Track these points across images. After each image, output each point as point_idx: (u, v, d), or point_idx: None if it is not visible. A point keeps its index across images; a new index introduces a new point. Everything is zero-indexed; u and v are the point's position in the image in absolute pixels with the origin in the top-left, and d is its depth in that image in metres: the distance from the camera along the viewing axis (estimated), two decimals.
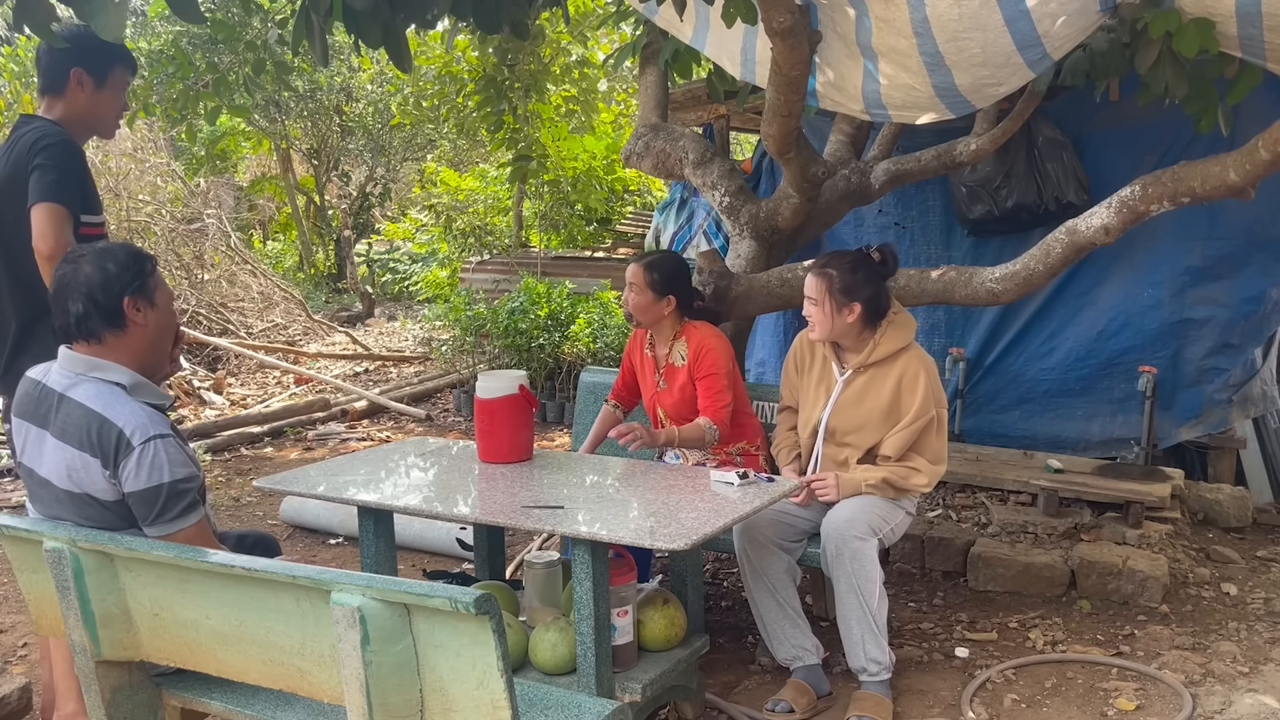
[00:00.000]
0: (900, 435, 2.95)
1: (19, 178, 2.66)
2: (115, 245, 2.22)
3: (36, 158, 2.65)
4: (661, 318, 3.32)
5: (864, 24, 2.81)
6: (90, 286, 2.12)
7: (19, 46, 10.75)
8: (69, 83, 2.78)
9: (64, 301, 2.14)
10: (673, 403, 3.34)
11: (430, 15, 3.14)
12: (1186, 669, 3.13)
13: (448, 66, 7.62)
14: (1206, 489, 4.54)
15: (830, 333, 3.01)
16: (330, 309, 13.31)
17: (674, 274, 3.30)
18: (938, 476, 3.01)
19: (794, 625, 3.01)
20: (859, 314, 2.96)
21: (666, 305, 3.29)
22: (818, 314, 2.99)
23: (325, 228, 16.06)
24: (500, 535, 3.30)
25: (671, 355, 3.35)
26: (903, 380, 2.96)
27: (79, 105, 2.80)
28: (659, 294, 3.27)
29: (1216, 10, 2.59)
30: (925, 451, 2.99)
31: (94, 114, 2.84)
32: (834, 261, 3.01)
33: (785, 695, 2.92)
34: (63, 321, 2.15)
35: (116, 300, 2.14)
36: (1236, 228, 4.47)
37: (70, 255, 2.19)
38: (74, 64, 2.76)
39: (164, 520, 2.07)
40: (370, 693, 1.71)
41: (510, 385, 2.94)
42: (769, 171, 5.43)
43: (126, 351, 2.17)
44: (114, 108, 2.89)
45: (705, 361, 3.24)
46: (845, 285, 2.95)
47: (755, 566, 3.00)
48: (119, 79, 2.86)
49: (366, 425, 7.08)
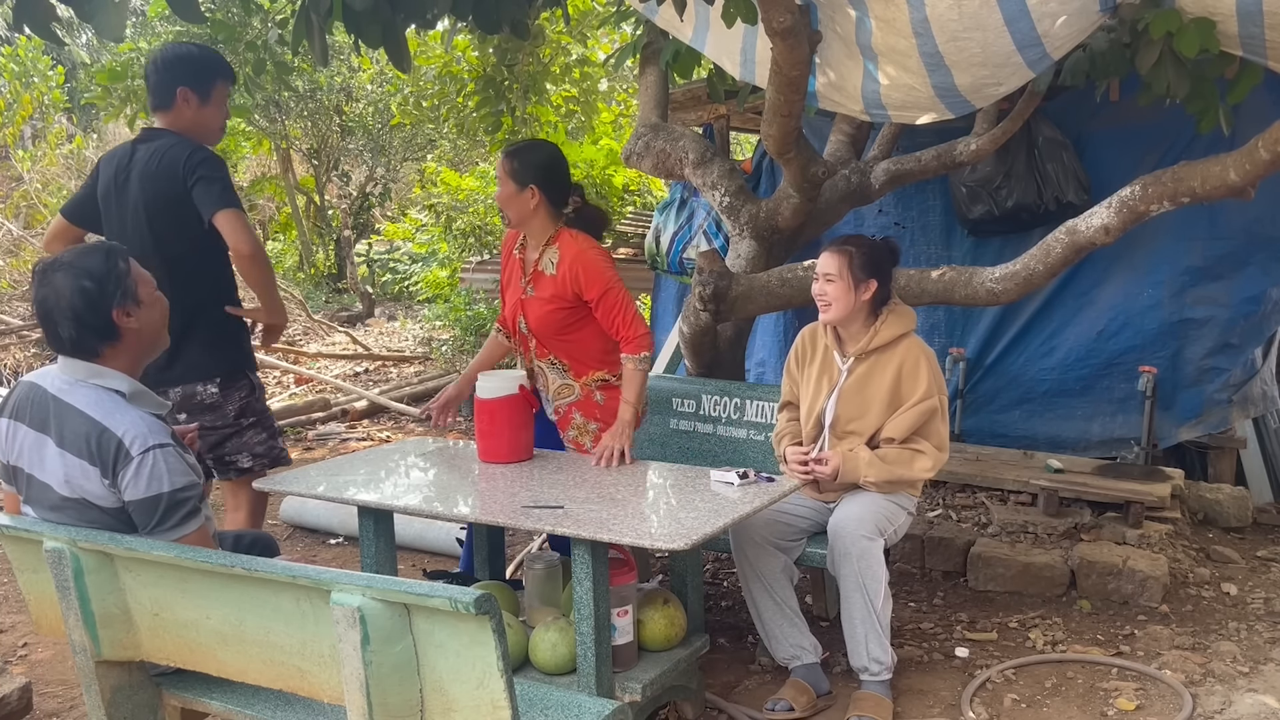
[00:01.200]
0: (905, 417, 2.94)
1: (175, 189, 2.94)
2: (82, 256, 2.14)
3: (196, 171, 2.93)
4: (528, 214, 3.00)
5: (864, 24, 2.81)
6: (76, 310, 2.08)
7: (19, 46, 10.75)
8: (176, 100, 3.01)
9: (53, 326, 2.10)
10: (537, 315, 3.06)
11: (430, 15, 3.15)
12: (1186, 669, 3.13)
13: (448, 66, 7.61)
14: (1206, 489, 4.54)
15: (847, 310, 2.97)
16: (330, 309, 13.31)
17: (539, 164, 2.98)
18: (941, 463, 3.00)
19: (791, 624, 3.01)
20: (874, 293, 2.97)
21: (530, 198, 2.97)
22: (835, 290, 2.95)
23: (325, 228, 16.05)
24: (500, 535, 3.30)
25: (542, 261, 3.04)
26: (904, 366, 2.97)
27: (186, 119, 3.03)
28: (519, 184, 2.96)
29: (1217, 9, 2.59)
30: (931, 437, 2.98)
31: (201, 125, 3.07)
32: (852, 240, 3.02)
33: (785, 694, 2.92)
34: (56, 345, 2.12)
35: (106, 317, 2.11)
36: (1236, 228, 4.47)
37: (42, 277, 2.11)
38: (179, 83, 2.99)
39: (164, 528, 2.07)
40: (370, 693, 1.72)
41: (510, 385, 2.94)
42: (769, 171, 5.43)
43: (124, 356, 2.18)
44: (219, 119, 3.14)
45: (592, 279, 2.95)
46: (864, 261, 2.95)
47: (752, 566, 3.00)
48: (221, 92, 3.10)
49: (366, 425, 7.08)
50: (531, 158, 3.00)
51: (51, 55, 12.00)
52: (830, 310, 2.99)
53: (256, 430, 3.15)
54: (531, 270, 3.08)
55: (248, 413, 3.12)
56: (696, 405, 3.62)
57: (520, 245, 3.16)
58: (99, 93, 5.60)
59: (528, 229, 3.08)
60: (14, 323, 8.33)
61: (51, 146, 11.21)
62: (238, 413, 3.10)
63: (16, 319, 8.47)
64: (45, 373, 2.20)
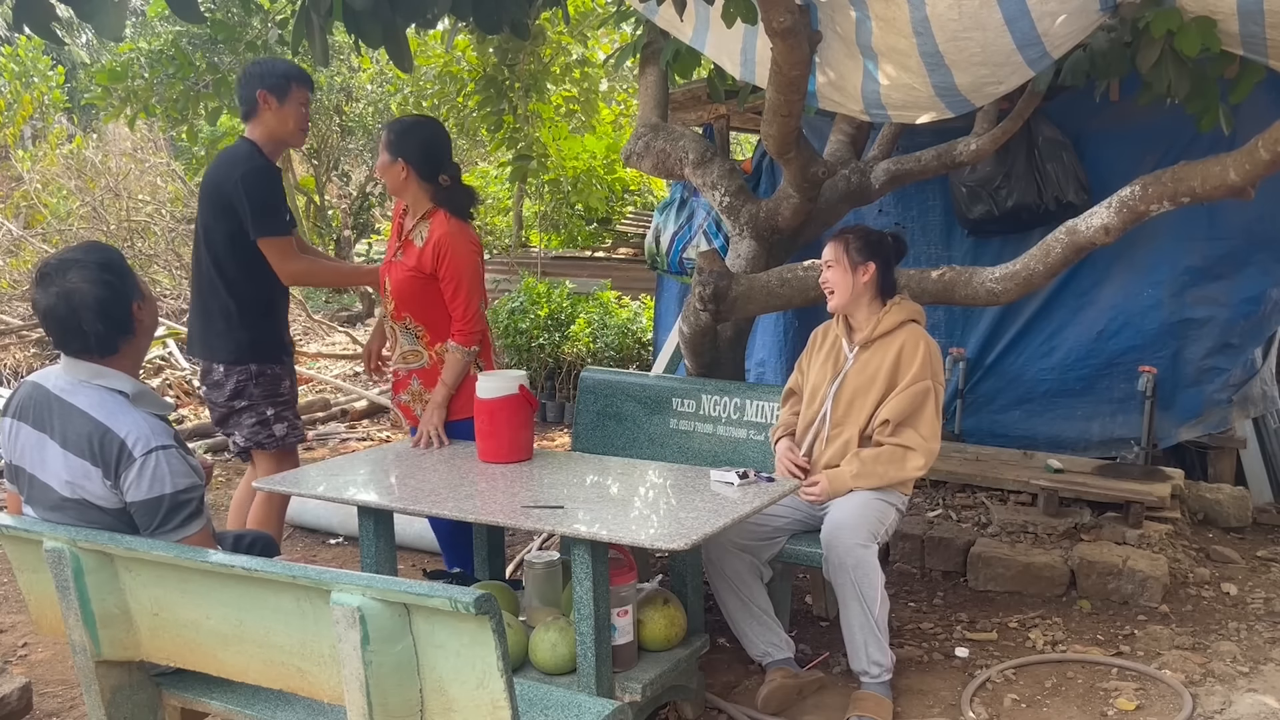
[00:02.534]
0: (900, 398, 2.99)
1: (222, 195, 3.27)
2: (89, 253, 2.16)
3: (239, 187, 3.22)
4: (399, 184, 3.18)
5: (864, 24, 2.81)
6: (102, 304, 2.10)
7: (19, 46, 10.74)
8: (259, 104, 3.31)
9: (75, 324, 2.10)
10: (397, 280, 3.21)
11: (430, 15, 3.15)
12: (1186, 669, 3.13)
13: (448, 66, 7.61)
14: (1206, 489, 4.54)
15: (848, 294, 3.09)
16: (330, 309, 13.30)
17: (414, 140, 3.16)
18: (933, 457, 3.03)
19: (760, 623, 3.02)
20: (873, 274, 3.07)
21: (401, 170, 3.14)
22: (835, 275, 3.09)
23: (325, 228, 16.04)
24: (500, 535, 3.29)
25: (415, 231, 3.21)
26: (903, 350, 3.04)
27: (269, 121, 3.33)
28: (391, 155, 3.15)
29: (1218, 8, 2.59)
30: (921, 426, 3.01)
31: (281, 126, 3.35)
32: (850, 228, 3.19)
33: (773, 679, 2.94)
34: (79, 343, 2.13)
35: (127, 310, 2.16)
36: (1236, 228, 4.47)
37: (55, 277, 2.10)
38: (259, 87, 3.30)
39: (165, 530, 2.08)
40: (370, 693, 1.71)
41: (510, 385, 2.94)
42: (769, 171, 5.43)
43: (133, 353, 2.20)
44: (297, 118, 3.38)
45: (449, 263, 3.11)
46: (860, 245, 3.08)
47: (717, 568, 3.03)
48: (298, 94, 3.35)
49: (366, 425, 7.08)
50: (408, 133, 3.19)
51: (51, 55, 12.00)
52: (834, 297, 3.11)
53: (248, 414, 3.40)
54: (405, 237, 3.26)
55: (241, 396, 3.38)
56: (696, 405, 3.62)
57: (405, 211, 3.33)
58: (99, 93, 5.61)
59: (403, 198, 3.26)
60: (14, 323, 8.33)
61: (51, 146, 11.21)
62: (232, 394, 3.38)
63: (16, 319, 8.47)
64: (48, 373, 2.21)
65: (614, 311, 7.32)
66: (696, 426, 3.63)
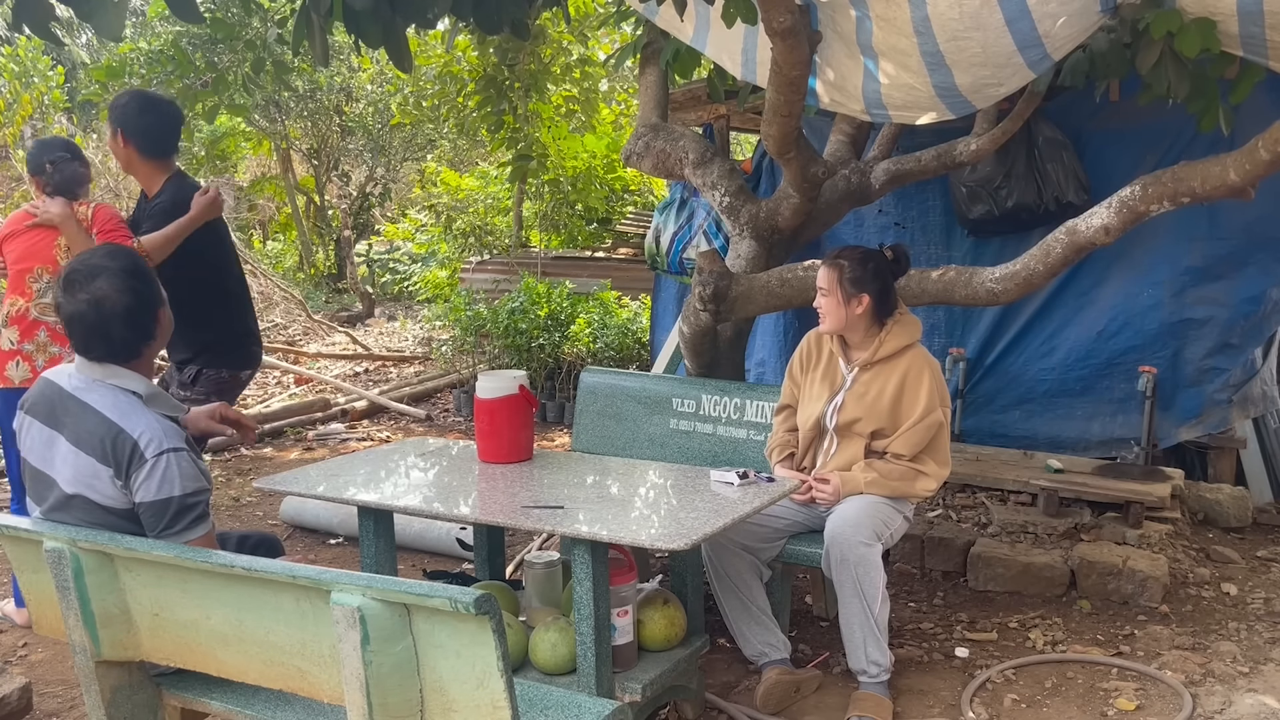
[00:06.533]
0: (912, 434, 2.97)
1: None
2: (113, 259, 2.16)
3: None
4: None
5: (865, 24, 2.81)
6: (131, 310, 2.13)
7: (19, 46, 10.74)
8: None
9: (104, 331, 2.11)
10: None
11: (430, 15, 3.15)
12: (1186, 669, 3.13)
13: (448, 66, 7.62)
14: (1206, 489, 4.54)
15: (840, 323, 3.03)
16: (330, 309, 13.30)
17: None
18: (943, 479, 3.03)
19: (758, 623, 3.02)
20: (868, 305, 3.00)
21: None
22: (828, 304, 3.03)
23: (325, 228, 16.05)
24: (500, 535, 3.29)
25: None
26: (907, 377, 2.99)
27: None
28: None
29: (1218, 9, 2.59)
30: (935, 454, 3.01)
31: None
32: (846, 253, 3.07)
33: (763, 682, 2.94)
34: (104, 349, 2.13)
35: (153, 315, 2.19)
36: (1236, 228, 4.46)
37: (82, 285, 2.10)
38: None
39: (172, 532, 2.08)
40: (370, 693, 1.71)
41: (510, 385, 2.94)
42: (769, 171, 5.43)
43: (149, 358, 2.23)
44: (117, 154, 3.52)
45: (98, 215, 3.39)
46: (855, 276, 3.00)
47: (717, 567, 3.02)
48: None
49: (367, 425, 7.08)
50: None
51: (51, 55, 11.99)
52: (825, 322, 3.07)
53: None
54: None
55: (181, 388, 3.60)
56: (696, 405, 3.62)
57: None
58: (96, 89, 5.61)
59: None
60: None
61: None
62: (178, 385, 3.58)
63: None
64: (62, 370, 2.21)
65: (614, 311, 7.32)
66: (696, 427, 3.63)
